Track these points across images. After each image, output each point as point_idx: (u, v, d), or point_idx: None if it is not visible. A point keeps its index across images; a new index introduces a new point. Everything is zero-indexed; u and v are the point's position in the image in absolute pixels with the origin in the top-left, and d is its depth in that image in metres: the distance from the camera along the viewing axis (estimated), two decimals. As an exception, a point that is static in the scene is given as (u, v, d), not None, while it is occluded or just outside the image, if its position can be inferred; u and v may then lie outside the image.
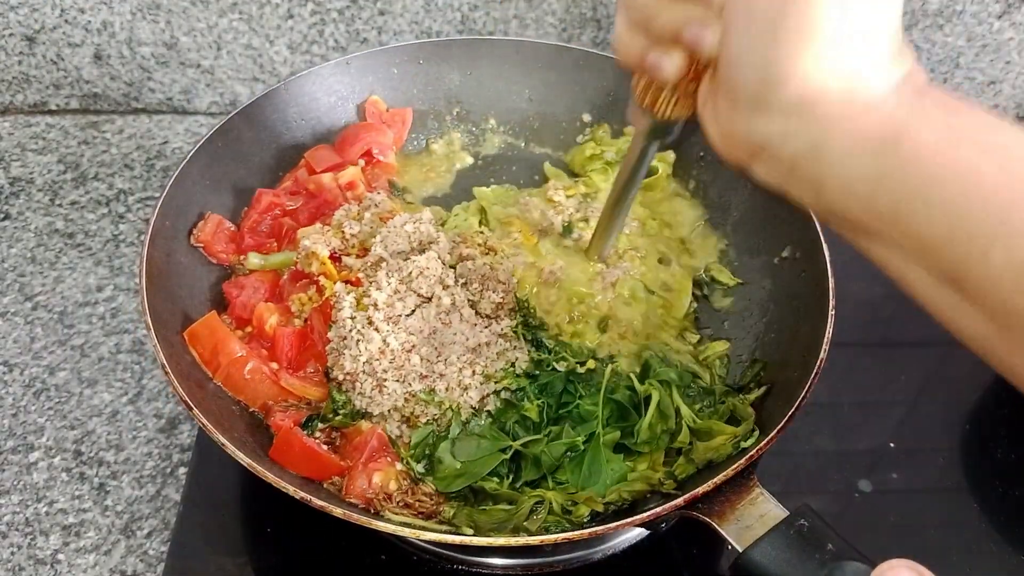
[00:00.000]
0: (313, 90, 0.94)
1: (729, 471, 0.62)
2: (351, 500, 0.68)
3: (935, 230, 0.42)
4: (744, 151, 0.50)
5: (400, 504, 0.68)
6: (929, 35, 1.14)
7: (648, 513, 0.61)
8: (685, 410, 0.71)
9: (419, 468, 0.71)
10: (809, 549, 0.56)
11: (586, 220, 0.89)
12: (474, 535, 0.64)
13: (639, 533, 0.75)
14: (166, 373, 0.67)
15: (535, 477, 0.70)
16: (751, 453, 0.63)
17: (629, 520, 0.61)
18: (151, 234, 0.76)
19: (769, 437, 0.64)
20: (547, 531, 0.66)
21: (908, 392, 0.88)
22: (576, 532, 0.63)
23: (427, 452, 0.71)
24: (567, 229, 0.88)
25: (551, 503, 0.67)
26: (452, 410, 0.72)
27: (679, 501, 0.61)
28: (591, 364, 0.76)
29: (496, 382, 0.74)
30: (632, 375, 0.75)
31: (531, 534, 0.65)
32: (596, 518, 0.68)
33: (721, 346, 0.81)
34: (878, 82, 0.45)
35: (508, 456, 0.71)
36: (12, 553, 0.76)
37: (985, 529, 0.79)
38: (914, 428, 0.85)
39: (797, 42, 0.44)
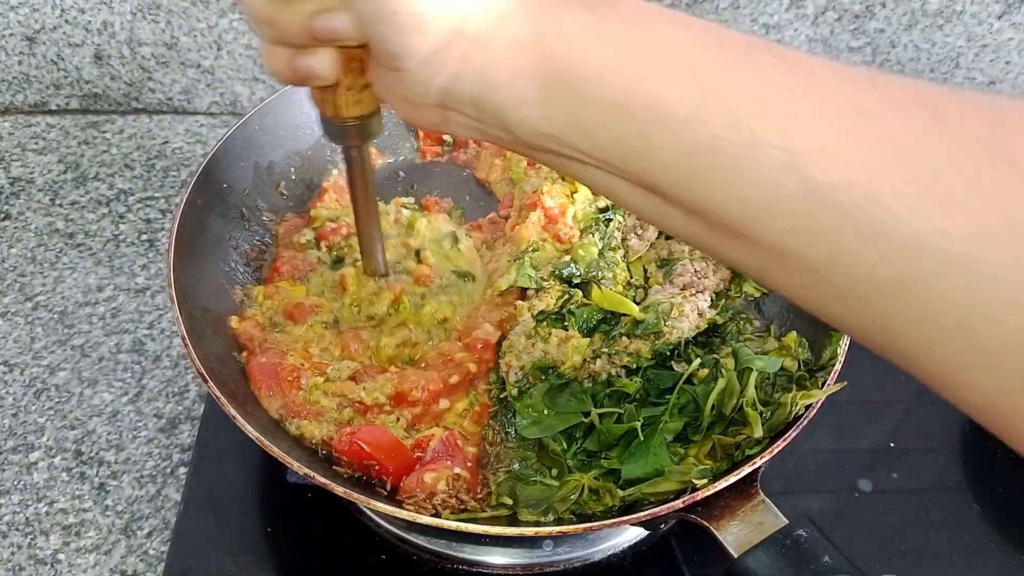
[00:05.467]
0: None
1: (731, 476, 0.61)
2: (400, 498, 0.67)
3: (614, 145, 0.41)
4: (430, 112, 0.47)
5: (440, 504, 0.68)
6: (929, 35, 1.14)
7: (645, 513, 0.61)
8: (750, 394, 0.69)
9: (514, 391, 0.74)
10: (804, 560, 0.56)
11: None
12: (473, 522, 0.64)
13: (638, 533, 0.75)
14: (185, 345, 0.67)
15: (594, 449, 0.71)
16: (754, 460, 0.63)
17: (626, 518, 0.61)
18: (183, 208, 0.76)
19: (776, 445, 0.63)
20: (539, 524, 0.66)
21: (908, 392, 0.88)
22: (570, 527, 0.62)
23: (529, 382, 0.74)
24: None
25: (584, 487, 0.67)
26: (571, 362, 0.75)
27: (677, 503, 0.61)
28: (701, 373, 0.74)
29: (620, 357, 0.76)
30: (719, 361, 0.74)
31: (557, 515, 0.66)
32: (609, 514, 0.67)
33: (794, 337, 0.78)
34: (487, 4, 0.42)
35: (587, 422, 0.71)
36: (12, 553, 0.76)
37: (985, 529, 0.78)
38: (914, 428, 0.85)
39: None
